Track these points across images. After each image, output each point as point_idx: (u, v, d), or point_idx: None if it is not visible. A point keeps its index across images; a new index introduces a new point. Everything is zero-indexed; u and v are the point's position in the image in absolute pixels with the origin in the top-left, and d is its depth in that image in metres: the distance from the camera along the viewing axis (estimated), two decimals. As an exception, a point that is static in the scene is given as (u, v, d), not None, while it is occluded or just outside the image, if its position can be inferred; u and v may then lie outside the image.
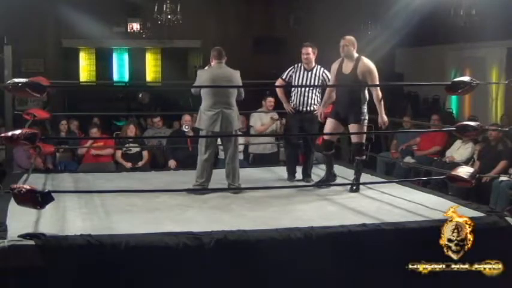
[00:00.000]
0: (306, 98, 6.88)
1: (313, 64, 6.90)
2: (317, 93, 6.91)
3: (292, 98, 6.98)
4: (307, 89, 6.85)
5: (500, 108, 12.35)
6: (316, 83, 6.85)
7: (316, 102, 6.92)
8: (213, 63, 6.33)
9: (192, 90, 6.53)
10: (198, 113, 6.31)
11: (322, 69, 6.90)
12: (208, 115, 6.13)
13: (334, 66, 6.37)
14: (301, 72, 6.89)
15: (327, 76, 6.83)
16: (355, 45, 6.24)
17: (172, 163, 8.48)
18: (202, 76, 6.28)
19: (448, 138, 9.17)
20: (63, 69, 14.80)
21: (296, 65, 6.95)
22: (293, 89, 7.02)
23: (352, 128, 6.24)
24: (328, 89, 6.59)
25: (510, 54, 12.11)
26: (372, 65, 6.14)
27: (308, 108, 6.90)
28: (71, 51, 15.75)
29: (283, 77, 6.99)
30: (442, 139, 9.27)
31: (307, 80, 6.86)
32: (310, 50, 6.86)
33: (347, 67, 6.23)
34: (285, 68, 7.16)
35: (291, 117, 7.06)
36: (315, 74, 6.86)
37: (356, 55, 6.22)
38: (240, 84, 6.33)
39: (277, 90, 7.26)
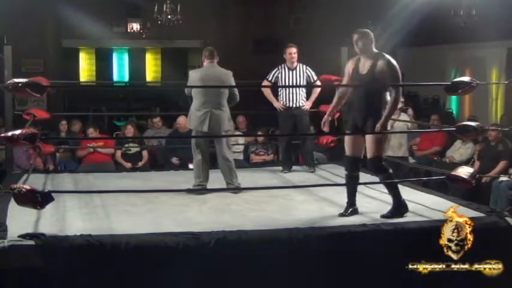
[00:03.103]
0: (293, 95, 7.41)
1: (296, 63, 7.41)
2: (303, 89, 7.50)
3: (280, 96, 7.48)
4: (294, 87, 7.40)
5: (500, 108, 12.35)
6: (301, 80, 7.38)
7: (303, 98, 7.47)
8: (205, 63, 6.35)
9: (186, 91, 6.53)
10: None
11: (304, 66, 7.44)
12: (197, 115, 6.14)
13: (349, 65, 5.38)
14: (286, 72, 7.42)
15: (310, 73, 7.41)
16: (371, 39, 5.23)
17: (175, 160, 8.59)
18: (193, 76, 6.29)
19: (448, 138, 9.16)
20: (63, 69, 14.80)
21: (280, 66, 7.48)
22: (280, 88, 7.53)
23: (369, 140, 5.16)
24: (337, 92, 5.58)
25: (510, 54, 12.12)
26: (393, 63, 5.11)
27: (296, 104, 7.43)
28: (71, 51, 15.76)
29: (269, 79, 7.52)
30: (442, 139, 9.26)
31: (292, 78, 7.38)
32: (295, 49, 7.40)
33: (364, 66, 5.22)
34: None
35: (282, 115, 7.51)
36: (299, 72, 7.39)
37: (375, 51, 5.23)
38: (233, 84, 6.33)
39: (265, 91, 7.64)
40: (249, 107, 8.86)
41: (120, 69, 17.13)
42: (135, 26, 14.63)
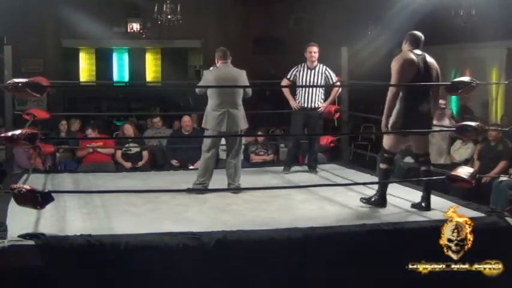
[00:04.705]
0: (310, 95, 7.29)
1: (316, 63, 7.29)
2: (321, 90, 7.35)
3: (297, 96, 7.37)
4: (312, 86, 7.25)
5: (500, 108, 12.35)
6: (320, 80, 7.27)
7: (320, 99, 7.34)
8: (219, 63, 6.36)
9: (197, 90, 6.57)
10: (202, 113, 6.35)
11: (324, 67, 7.33)
12: (215, 115, 6.15)
13: None
14: (305, 71, 7.30)
15: (330, 74, 7.31)
16: (405, 40, 5.49)
17: (174, 163, 8.57)
18: (208, 76, 6.31)
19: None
20: (63, 69, 14.81)
21: (300, 65, 7.36)
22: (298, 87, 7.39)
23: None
24: None
25: (510, 54, 12.12)
26: (395, 62, 5.30)
27: (313, 104, 7.31)
28: (71, 51, 15.77)
29: (288, 77, 7.40)
30: (442, 139, 9.24)
31: (311, 77, 7.27)
32: (317, 49, 7.29)
33: None
34: (284, 68, 7.49)
35: (296, 114, 7.38)
36: (318, 72, 7.27)
37: (405, 51, 5.42)
38: (247, 83, 6.35)
39: (283, 89, 7.57)
40: (249, 107, 8.86)
41: (120, 69, 17.13)
42: (135, 26, 14.63)
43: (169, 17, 12.74)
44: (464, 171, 5.12)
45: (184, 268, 4.26)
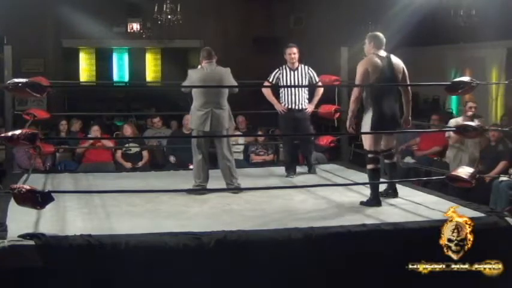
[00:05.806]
0: (295, 97, 7.17)
1: (297, 63, 7.18)
2: (306, 91, 7.26)
3: (282, 98, 7.24)
4: (296, 88, 7.16)
5: (500, 108, 12.35)
6: (303, 81, 7.16)
7: (305, 100, 7.25)
8: (203, 63, 6.35)
9: (183, 88, 6.56)
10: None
11: (306, 67, 7.23)
12: (198, 115, 6.16)
13: None
14: (288, 73, 7.18)
15: (312, 73, 7.22)
16: (370, 41, 5.67)
17: (172, 160, 8.55)
18: (193, 76, 6.32)
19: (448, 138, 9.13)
20: (63, 69, 14.82)
21: (281, 67, 7.24)
22: (281, 90, 7.27)
23: None
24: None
25: (510, 54, 12.11)
26: (360, 65, 5.61)
27: (299, 106, 7.19)
28: (71, 51, 15.77)
29: (270, 80, 7.27)
30: (442, 139, 9.25)
31: (294, 79, 7.16)
32: (296, 50, 7.17)
33: None
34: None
35: (283, 117, 7.26)
36: (301, 72, 7.17)
37: (369, 53, 5.68)
38: (232, 81, 6.35)
39: (266, 93, 7.37)
40: (249, 107, 8.86)
41: (120, 69, 17.12)
42: (135, 26, 14.64)
43: (169, 17, 12.73)
44: (464, 171, 5.12)
45: (184, 268, 4.27)
